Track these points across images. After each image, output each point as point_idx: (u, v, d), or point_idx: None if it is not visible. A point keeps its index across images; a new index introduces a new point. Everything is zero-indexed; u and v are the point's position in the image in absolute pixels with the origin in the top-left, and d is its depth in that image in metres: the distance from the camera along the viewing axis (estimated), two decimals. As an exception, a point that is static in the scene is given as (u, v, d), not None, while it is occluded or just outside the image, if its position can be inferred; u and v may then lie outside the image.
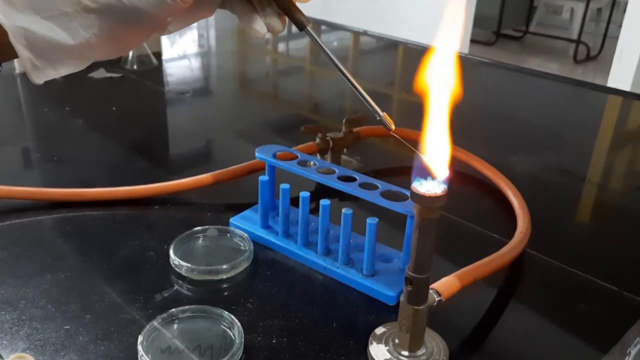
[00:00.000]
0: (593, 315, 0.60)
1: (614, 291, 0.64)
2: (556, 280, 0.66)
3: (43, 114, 1.09)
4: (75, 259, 0.66)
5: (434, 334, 0.54)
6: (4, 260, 0.65)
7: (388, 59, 1.74)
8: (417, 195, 0.45)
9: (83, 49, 0.43)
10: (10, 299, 0.58)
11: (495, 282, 0.65)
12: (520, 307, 0.62)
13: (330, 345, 0.54)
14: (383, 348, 0.53)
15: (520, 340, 0.57)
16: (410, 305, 0.50)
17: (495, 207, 0.82)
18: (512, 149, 1.02)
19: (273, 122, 1.15)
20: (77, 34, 0.42)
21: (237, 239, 0.69)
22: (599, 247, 0.75)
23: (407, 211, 0.59)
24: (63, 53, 0.43)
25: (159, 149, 1.01)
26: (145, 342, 0.51)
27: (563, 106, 1.33)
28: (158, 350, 0.51)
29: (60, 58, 0.43)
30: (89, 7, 0.41)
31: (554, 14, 5.33)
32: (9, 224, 0.72)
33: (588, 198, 0.91)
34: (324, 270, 0.65)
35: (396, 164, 0.98)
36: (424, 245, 0.48)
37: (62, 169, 0.89)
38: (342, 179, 0.66)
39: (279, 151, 0.72)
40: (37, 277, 0.62)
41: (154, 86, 1.31)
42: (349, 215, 0.62)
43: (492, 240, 0.72)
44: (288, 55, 1.79)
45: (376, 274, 0.63)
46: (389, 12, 3.83)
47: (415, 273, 0.49)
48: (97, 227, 0.72)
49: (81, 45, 0.42)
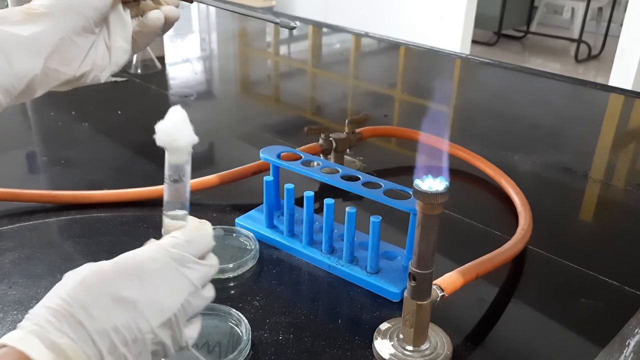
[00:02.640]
0: (594, 309, 0.61)
1: (614, 286, 0.65)
2: (557, 276, 0.67)
3: (49, 118, 1.11)
4: (85, 259, 0.66)
5: (437, 329, 0.55)
6: (15, 262, 0.66)
7: (389, 61, 1.75)
8: (420, 192, 0.46)
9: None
10: (21, 299, 0.60)
11: (497, 278, 0.66)
12: (523, 302, 0.63)
13: (336, 341, 0.55)
14: (388, 343, 0.54)
15: (522, 335, 0.58)
16: (414, 300, 0.51)
17: (497, 205, 0.83)
18: (513, 147, 1.03)
19: (276, 125, 1.16)
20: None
21: (243, 238, 0.70)
22: (600, 244, 0.76)
23: (410, 209, 0.60)
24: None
25: (164, 152, 1.02)
26: (155, 339, 0.52)
27: (565, 105, 1.34)
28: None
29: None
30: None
31: (555, 14, 5.34)
32: (18, 226, 0.74)
33: (589, 195, 0.92)
34: (328, 268, 0.66)
35: (398, 164, 0.99)
36: (427, 241, 0.49)
37: (69, 172, 0.91)
38: (345, 179, 0.67)
39: (283, 152, 0.73)
40: (47, 277, 0.63)
41: (158, 90, 1.32)
42: (353, 213, 0.63)
43: (494, 238, 0.73)
44: (290, 57, 1.81)
45: (380, 271, 0.64)
46: (390, 14, 3.84)
47: (419, 269, 0.50)
48: (105, 229, 0.73)
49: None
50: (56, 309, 0.36)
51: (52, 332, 0.35)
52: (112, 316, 0.36)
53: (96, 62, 0.50)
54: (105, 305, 0.37)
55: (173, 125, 0.41)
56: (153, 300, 0.38)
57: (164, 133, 0.41)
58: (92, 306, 0.36)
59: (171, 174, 0.42)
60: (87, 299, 0.36)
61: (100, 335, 0.36)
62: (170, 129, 0.41)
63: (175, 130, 0.41)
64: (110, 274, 0.38)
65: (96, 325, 0.36)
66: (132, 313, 0.37)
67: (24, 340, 0.34)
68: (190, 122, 0.42)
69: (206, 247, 0.43)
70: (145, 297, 0.38)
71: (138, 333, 0.37)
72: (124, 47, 0.52)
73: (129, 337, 0.37)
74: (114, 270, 0.39)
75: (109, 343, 0.36)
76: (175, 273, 0.40)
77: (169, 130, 0.41)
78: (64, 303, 0.36)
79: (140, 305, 0.38)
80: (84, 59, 0.49)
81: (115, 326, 0.36)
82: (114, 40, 0.51)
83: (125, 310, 0.37)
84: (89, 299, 0.36)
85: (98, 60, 0.50)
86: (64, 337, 0.35)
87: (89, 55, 0.49)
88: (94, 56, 0.50)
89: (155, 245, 0.41)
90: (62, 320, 0.35)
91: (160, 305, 0.39)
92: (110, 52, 0.51)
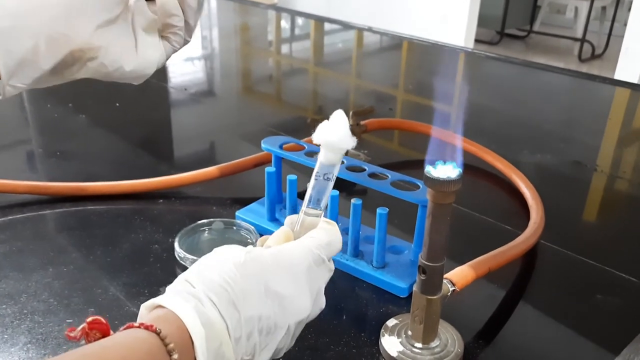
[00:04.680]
0: (611, 305, 0.58)
1: (630, 281, 0.62)
2: (571, 271, 0.65)
3: (46, 110, 1.08)
4: (78, 252, 0.64)
5: (447, 326, 0.52)
6: (6, 255, 0.63)
7: (393, 57, 1.72)
8: (431, 180, 0.43)
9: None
10: (11, 293, 0.57)
11: (508, 274, 0.63)
12: (535, 298, 0.61)
13: (341, 338, 0.53)
14: (395, 340, 0.51)
15: (536, 332, 0.55)
16: (423, 295, 0.48)
17: (506, 199, 0.80)
18: (522, 141, 1.00)
19: (277, 123, 1.13)
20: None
21: (243, 231, 0.67)
22: (614, 238, 0.74)
23: (418, 200, 0.58)
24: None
25: (162, 145, 0.99)
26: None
27: (572, 99, 1.31)
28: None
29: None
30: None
31: (558, 13, 5.31)
32: (10, 218, 0.71)
33: (601, 189, 0.89)
34: (332, 263, 0.63)
35: (404, 157, 0.97)
36: (438, 232, 0.46)
37: (65, 164, 0.88)
38: (351, 170, 0.64)
39: (286, 143, 0.70)
40: (39, 270, 0.60)
41: (158, 82, 1.29)
42: (359, 205, 0.60)
43: (505, 232, 0.70)
44: (291, 56, 1.78)
45: (387, 266, 0.61)
46: (392, 13, 3.81)
47: (429, 261, 0.47)
48: (101, 221, 0.71)
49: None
50: (217, 287, 0.36)
51: (210, 309, 0.35)
52: (262, 306, 0.38)
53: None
54: (259, 295, 0.38)
55: (338, 127, 0.44)
56: (296, 300, 0.40)
57: (329, 133, 0.44)
58: (250, 293, 0.37)
59: (326, 172, 0.45)
60: (247, 285, 0.37)
61: (247, 321, 0.37)
62: (335, 130, 0.44)
63: (339, 131, 0.44)
64: (269, 266, 0.39)
65: (247, 310, 0.37)
66: (277, 308, 0.38)
67: (183, 308, 0.35)
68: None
69: (338, 250, 0.44)
70: (292, 295, 0.39)
71: (273, 327, 0.38)
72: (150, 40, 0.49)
73: (266, 329, 0.38)
74: (272, 262, 0.40)
75: (250, 329, 0.37)
76: (315, 275, 0.42)
77: (334, 131, 0.44)
78: (225, 283, 0.36)
79: (286, 302, 0.39)
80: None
81: (260, 315, 0.37)
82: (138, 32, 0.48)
83: (273, 303, 0.38)
84: (247, 285, 0.37)
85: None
86: (217, 313, 0.35)
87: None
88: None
89: (302, 245, 0.42)
90: (224, 298, 0.36)
91: (300, 305, 0.40)
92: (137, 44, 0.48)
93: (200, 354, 0.34)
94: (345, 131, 0.44)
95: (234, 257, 0.39)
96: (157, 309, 0.36)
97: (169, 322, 0.34)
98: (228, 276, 0.37)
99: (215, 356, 0.35)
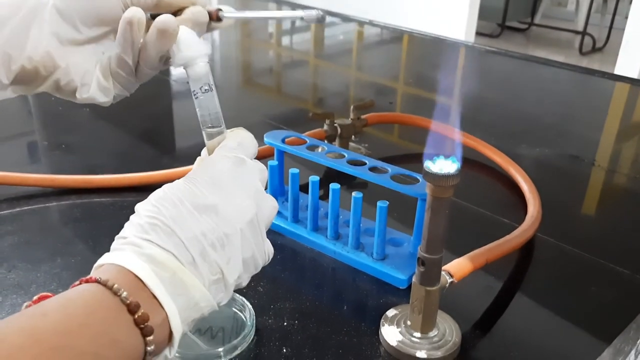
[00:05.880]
0: (605, 297, 0.60)
1: (625, 274, 0.63)
2: (567, 264, 0.66)
3: (50, 102, 1.09)
4: (85, 243, 0.66)
5: (445, 316, 0.54)
6: (15, 246, 0.65)
7: (393, 50, 1.73)
8: (430, 174, 0.45)
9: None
10: (21, 283, 0.58)
11: (506, 266, 0.64)
12: (532, 289, 0.62)
13: (342, 327, 0.54)
14: (395, 330, 0.53)
15: (532, 323, 0.57)
16: (422, 286, 0.50)
17: (504, 192, 0.81)
18: (520, 136, 1.01)
19: (278, 116, 1.14)
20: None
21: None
22: (610, 231, 0.75)
23: (418, 194, 0.59)
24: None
25: (165, 138, 1.00)
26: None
27: (570, 93, 1.32)
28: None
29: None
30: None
31: (559, 6, 5.30)
32: (18, 210, 0.72)
33: (598, 183, 0.90)
34: (334, 255, 0.65)
35: (404, 151, 0.98)
36: (437, 226, 0.47)
37: (69, 156, 0.89)
38: (352, 163, 0.66)
39: (288, 137, 0.71)
40: (47, 261, 0.62)
41: (160, 75, 1.30)
42: (359, 198, 0.61)
43: (502, 225, 0.72)
44: (292, 49, 1.79)
45: (386, 258, 0.62)
46: (392, 5, 3.81)
47: (428, 253, 0.48)
48: (106, 213, 0.72)
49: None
50: (146, 224, 0.36)
51: (148, 246, 0.36)
52: (199, 223, 0.37)
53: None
54: (190, 214, 0.37)
55: (184, 39, 0.43)
56: (232, 203, 0.39)
57: (179, 50, 0.43)
58: (180, 216, 0.37)
59: (201, 85, 0.44)
60: (173, 212, 0.37)
61: (191, 242, 0.36)
62: (182, 44, 0.43)
63: (187, 43, 0.43)
64: (187, 185, 0.39)
65: (186, 232, 0.36)
66: (216, 218, 0.38)
67: (120, 257, 0.35)
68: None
69: (254, 147, 0.45)
70: (224, 202, 0.39)
71: (225, 238, 0.38)
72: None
73: (217, 242, 0.38)
74: (190, 183, 0.39)
75: (200, 248, 0.37)
76: (240, 175, 0.41)
77: (182, 46, 0.43)
78: (152, 219, 0.37)
79: (221, 209, 0.38)
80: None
81: (203, 231, 0.37)
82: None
83: (208, 216, 0.38)
84: (174, 212, 0.37)
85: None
86: (157, 248, 0.36)
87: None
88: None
89: (214, 156, 0.42)
90: (157, 232, 0.36)
91: (240, 206, 0.40)
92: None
93: (153, 286, 0.34)
94: (191, 39, 0.43)
95: (152, 195, 0.39)
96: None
97: (109, 272, 0.34)
98: (152, 213, 0.37)
99: (174, 286, 0.35)
